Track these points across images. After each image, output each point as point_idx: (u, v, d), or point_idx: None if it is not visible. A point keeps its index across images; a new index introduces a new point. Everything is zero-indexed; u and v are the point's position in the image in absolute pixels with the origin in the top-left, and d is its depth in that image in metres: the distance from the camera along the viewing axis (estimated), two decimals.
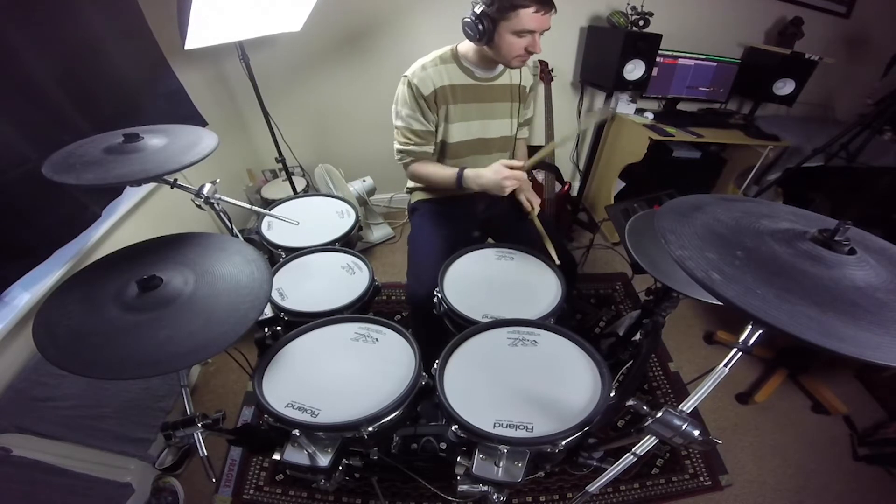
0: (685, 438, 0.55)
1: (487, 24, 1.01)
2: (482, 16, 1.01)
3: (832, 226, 0.52)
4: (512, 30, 1.01)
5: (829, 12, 2.15)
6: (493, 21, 1.01)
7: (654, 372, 1.70)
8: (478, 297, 1.02)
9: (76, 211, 1.15)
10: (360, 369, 0.88)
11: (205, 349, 0.62)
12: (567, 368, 0.85)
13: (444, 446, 0.91)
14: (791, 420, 1.56)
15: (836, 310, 0.45)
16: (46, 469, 0.96)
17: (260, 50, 1.77)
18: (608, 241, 2.38)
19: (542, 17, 0.99)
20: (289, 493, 1.30)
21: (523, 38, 1.03)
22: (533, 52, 1.05)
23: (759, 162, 2.09)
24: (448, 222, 1.32)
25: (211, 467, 0.71)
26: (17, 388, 0.99)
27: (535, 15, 0.98)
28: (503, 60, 1.11)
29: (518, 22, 0.99)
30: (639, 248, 1.03)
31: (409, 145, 1.21)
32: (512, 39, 1.03)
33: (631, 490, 1.34)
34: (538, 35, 1.03)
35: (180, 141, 0.89)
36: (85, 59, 1.20)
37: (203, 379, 1.61)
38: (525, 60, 1.10)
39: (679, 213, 0.62)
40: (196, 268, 0.74)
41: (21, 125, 1.00)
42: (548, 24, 1.02)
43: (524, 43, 1.04)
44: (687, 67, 2.10)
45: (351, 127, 2.26)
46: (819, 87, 2.24)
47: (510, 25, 1.00)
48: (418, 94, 1.14)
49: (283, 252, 1.19)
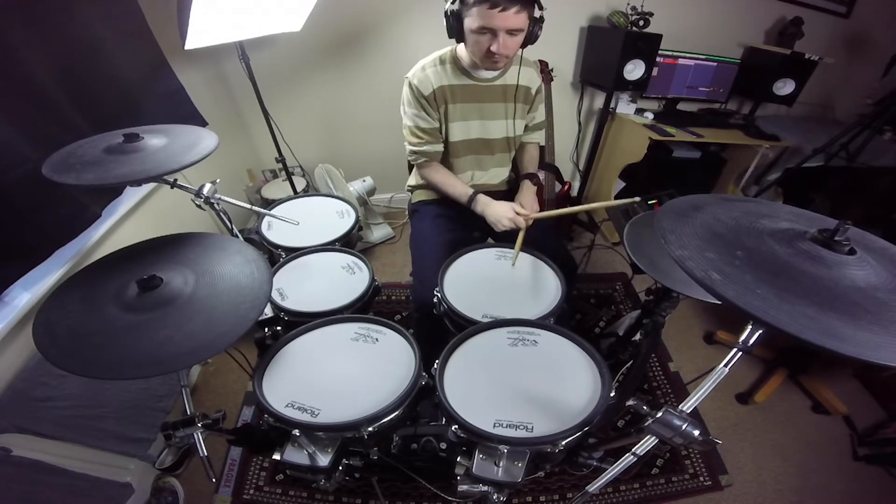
0: (685, 438, 0.55)
1: (454, 21, 1.00)
2: (449, 13, 0.99)
3: (832, 226, 0.52)
4: (470, 28, 0.98)
5: (829, 12, 2.15)
6: (457, 18, 0.99)
7: (654, 372, 1.70)
8: (478, 297, 1.02)
9: (76, 211, 1.15)
10: (360, 369, 0.88)
11: (205, 349, 0.62)
12: (567, 368, 0.85)
13: (444, 446, 0.91)
14: (791, 420, 1.56)
15: (836, 310, 0.45)
16: (46, 469, 0.96)
17: (260, 50, 1.77)
18: (608, 241, 2.38)
19: (501, 13, 0.92)
20: (289, 493, 1.30)
21: (485, 37, 0.98)
22: (497, 52, 0.99)
23: (755, 162, 2.09)
24: (449, 223, 1.32)
25: (211, 467, 0.71)
26: (17, 388, 0.99)
27: (492, 12, 0.91)
28: (476, 60, 1.07)
29: (475, 19, 0.95)
30: (639, 248, 1.03)
31: (422, 145, 1.22)
32: (474, 38, 0.99)
33: (631, 490, 1.34)
34: (503, 34, 0.96)
35: (180, 141, 0.89)
36: (85, 59, 1.20)
37: (203, 379, 1.61)
38: (497, 62, 1.04)
39: (679, 213, 0.62)
40: (196, 268, 0.74)
41: (21, 125, 1.00)
42: (514, 23, 0.95)
43: (487, 42, 0.98)
44: (687, 67, 2.09)
45: (351, 127, 2.26)
46: (819, 87, 2.24)
47: (469, 23, 0.97)
48: (419, 94, 1.16)
49: (283, 252, 1.19)
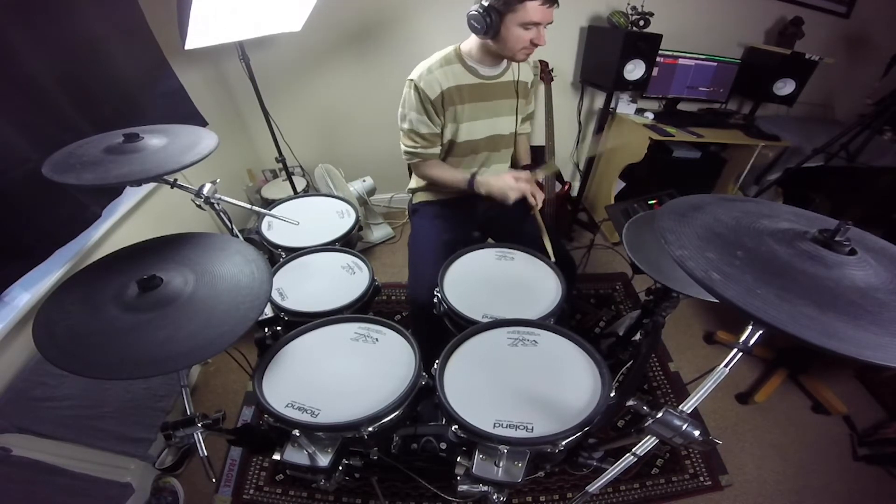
0: (685, 439, 0.55)
1: (494, 17, 1.04)
2: (489, 9, 1.04)
3: (832, 226, 0.52)
4: (518, 22, 1.04)
5: (829, 12, 2.15)
6: (499, 14, 1.04)
7: (654, 372, 1.70)
8: (478, 297, 1.02)
9: (76, 211, 1.15)
10: (360, 369, 0.87)
11: (205, 349, 0.62)
12: (567, 368, 0.84)
13: (444, 446, 0.91)
14: (791, 420, 1.56)
15: (836, 310, 0.45)
16: (46, 469, 0.96)
17: (260, 50, 1.77)
18: (608, 241, 2.38)
19: (547, 9, 1.04)
20: (289, 493, 1.30)
21: (529, 31, 1.06)
22: (538, 44, 1.09)
23: (751, 162, 2.09)
24: (449, 223, 1.32)
25: (211, 467, 0.71)
26: (17, 388, 0.99)
27: (541, 7, 1.03)
28: (509, 53, 1.13)
29: (525, 14, 1.03)
30: (639, 248, 1.03)
31: (417, 148, 1.23)
32: (518, 32, 1.06)
33: (631, 490, 1.34)
34: (543, 27, 1.07)
35: (180, 141, 0.89)
36: (85, 59, 1.20)
37: (203, 379, 1.61)
38: (530, 53, 1.13)
39: (679, 213, 0.61)
40: (196, 268, 0.74)
41: (21, 125, 1.00)
42: (551, 17, 1.07)
43: (530, 35, 1.07)
44: (687, 67, 2.09)
45: (351, 127, 2.26)
46: (819, 87, 2.24)
47: (517, 18, 1.04)
48: (425, 98, 1.15)
49: (283, 252, 1.19)
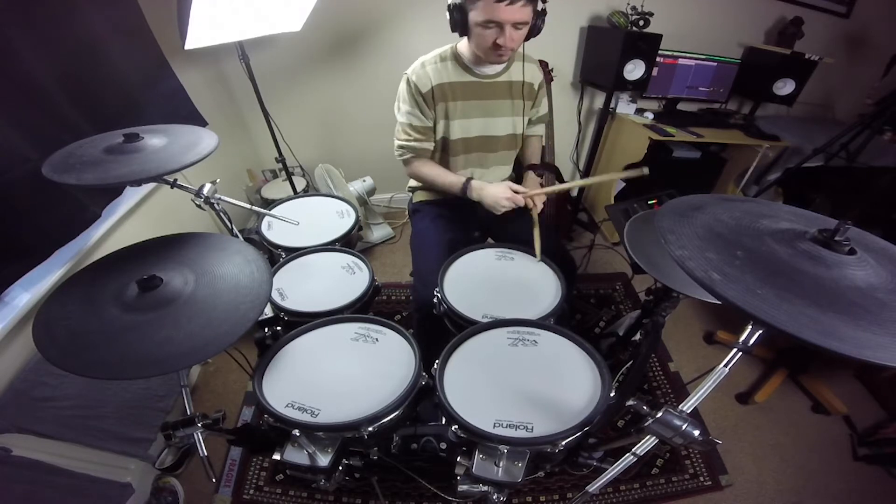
0: (685, 438, 0.55)
1: (458, 14, 1.00)
2: (453, 6, 0.99)
3: (832, 226, 0.52)
4: (476, 21, 0.98)
5: (829, 12, 2.15)
6: (461, 11, 0.99)
7: (654, 372, 1.70)
8: (478, 297, 1.02)
9: (76, 211, 1.15)
10: (360, 369, 0.87)
11: (205, 349, 0.62)
12: (567, 368, 0.84)
13: (444, 446, 0.91)
14: (791, 420, 1.56)
15: (836, 310, 0.45)
16: (46, 469, 0.96)
17: (260, 50, 1.77)
18: (608, 241, 2.38)
19: (508, 7, 0.92)
20: (289, 493, 1.30)
21: (490, 30, 0.98)
22: (503, 45, 0.99)
23: (755, 163, 2.09)
24: (449, 223, 1.32)
25: (211, 467, 0.71)
26: (17, 388, 0.99)
27: (499, 5, 0.92)
28: (480, 53, 1.07)
29: (481, 12, 0.95)
30: (639, 248, 1.03)
31: (410, 141, 1.21)
32: (479, 31, 0.99)
33: (631, 490, 1.34)
34: (510, 27, 0.97)
35: (180, 141, 0.89)
36: (85, 59, 1.20)
37: (203, 379, 1.61)
38: (502, 55, 1.04)
39: (679, 213, 0.61)
40: (196, 268, 0.74)
41: (21, 125, 1.00)
42: (520, 16, 0.95)
43: (493, 35, 0.99)
44: (687, 67, 2.09)
45: (351, 127, 2.26)
46: (819, 87, 2.24)
47: (475, 16, 0.98)
48: (416, 91, 1.15)
49: (283, 252, 1.19)
